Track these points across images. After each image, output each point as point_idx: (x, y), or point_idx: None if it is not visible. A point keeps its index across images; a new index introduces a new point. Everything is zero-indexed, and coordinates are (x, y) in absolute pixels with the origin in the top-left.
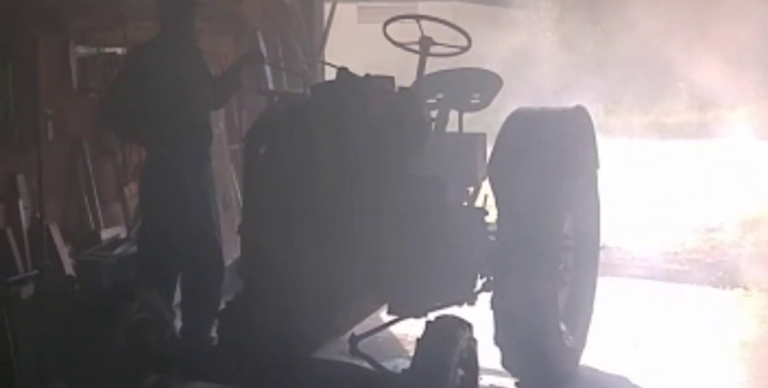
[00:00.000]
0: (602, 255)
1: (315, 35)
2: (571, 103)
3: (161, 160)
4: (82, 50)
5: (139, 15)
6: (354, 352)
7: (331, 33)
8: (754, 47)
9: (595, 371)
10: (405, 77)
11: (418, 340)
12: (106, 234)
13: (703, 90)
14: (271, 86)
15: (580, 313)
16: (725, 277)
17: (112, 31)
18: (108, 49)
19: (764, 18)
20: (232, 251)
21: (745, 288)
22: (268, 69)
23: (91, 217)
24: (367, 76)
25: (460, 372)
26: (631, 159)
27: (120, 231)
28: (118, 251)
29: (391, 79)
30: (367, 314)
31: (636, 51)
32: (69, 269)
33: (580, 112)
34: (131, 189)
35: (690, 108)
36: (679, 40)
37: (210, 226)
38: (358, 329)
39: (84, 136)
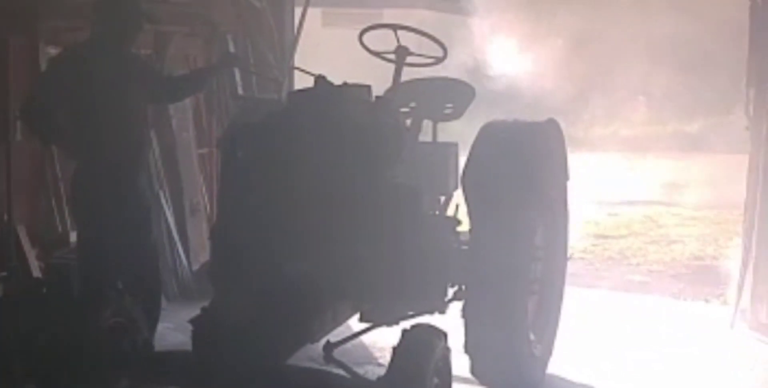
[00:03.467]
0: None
1: (285, 40)
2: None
3: (91, 166)
4: (52, 51)
5: None
6: (328, 359)
7: None
8: (715, 59)
9: (562, 379)
10: (369, 81)
11: (393, 348)
12: (73, 237)
13: (662, 103)
14: (240, 91)
15: (547, 322)
16: (686, 288)
17: (82, 32)
18: None
19: (727, 27)
20: (199, 256)
21: (706, 300)
22: (238, 73)
23: (58, 219)
24: (345, 84)
25: (435, 380)
26: (593, 171)
27: None
28: None
29: (368, 88)
30: (341, 322)
31: (597, 63)
32: (36, 271)
33: (552, 124)
34: None
35: (649, 121)
36: (640, 51)
37: (147, 234)
38: (330, 337)
39: None
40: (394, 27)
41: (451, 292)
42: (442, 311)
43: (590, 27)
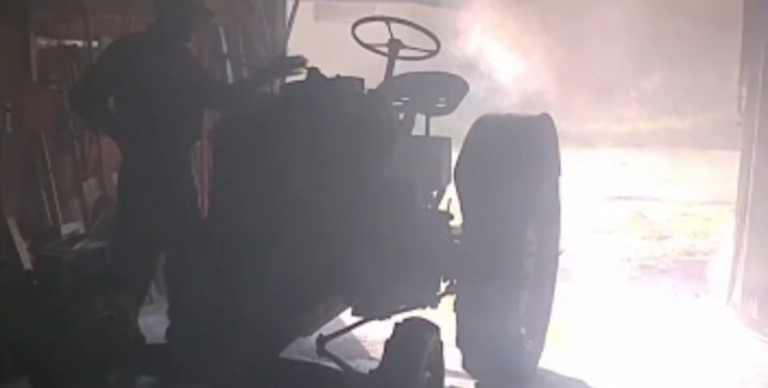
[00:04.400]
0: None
1: (277, 32)
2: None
3: (137, 157)
4: (42, 42)
5: (101, 7)
6: (321, 352)
7: None
8: (708, 56)
9: (553, 373)
10: (362, 74)
11: (386, 342)
12: (65, 229)
13: (654, 99)
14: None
15: (539, 317)
16: (677, 284)
17: (73, 23)
18: (69, 42)
19: (718, 25)
20: None
21: (697, 296)
22: (229, 65)
23: (49, 212)
24: (338, 77)
25: (427, 374)
26: (585, 167)
27: (79, 226)
28: (78, 246)
29: (361, 81)
30: (333, 315)
31: (589, 58)
32: (27, 264)
33: (545, 119)
34: (90, 184)
35: (640, 117)
36: (633, 47)
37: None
38: (323, 330)
39: (43, 130)
40: (387, 20)
41: (443, 286)
42: (435, 305)
43: (582, 23)
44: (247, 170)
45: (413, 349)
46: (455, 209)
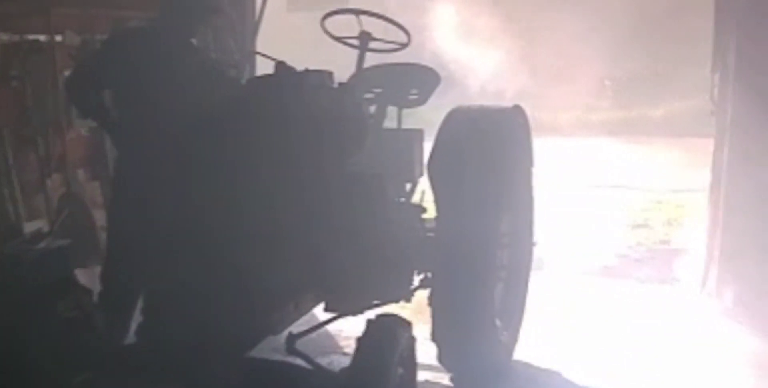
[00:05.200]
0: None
1: (247, 24)
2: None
3: (131, 154)
4: (4, 37)
5: (62, 1)
6: (291, 350)
7: None
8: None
9: (528, 365)
10: (334, 67)
11: (358, 338)
12: (28, 227)
13: (628, 88)
14: None
15: (513, 308)
16: (652, 273)
17: (34, 18)
18: (31, 36)
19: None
20: None
21: (671, 284)
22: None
23: (12, 209)
24: (306, 70)
25: (400, 370)
26: (559, 156)
27: (43, 224)
28: (42, 244)
29: (330, 74)
30: (305, 312)
31: (561, 47)
32: None
33: (518, 111)
34: (54, 180)
35: (614, 105)
36: (607, 37)
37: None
38: (296, 326)
39: (5, 126)
40: (357, 12)
41: (417, 280)
42: (408, 300)
43: (553, 14)
44: (215, 164)
45: (385, 346)
46: (428, 201)
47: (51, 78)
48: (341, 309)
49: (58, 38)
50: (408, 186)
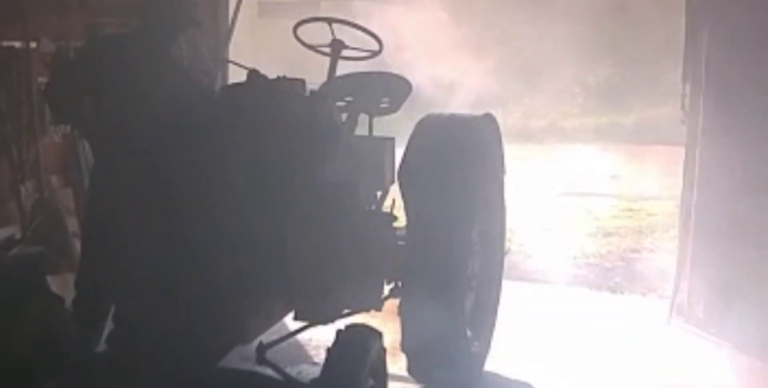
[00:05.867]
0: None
1: (219, 32)
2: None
3: (106, 163)
4: None
5: (39, 8)
6: (261, 360)
7: None
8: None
9: (499, 376)
10: (309, 74)
11: (328, 349)
12: (0, 233)
13: (598, 95)
14: None
15: (485, 318)
16: (623, 282)
17: (11, 24)
18: (6, 43)
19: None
20: None
21: (642, 294)
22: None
23: None
24: (278, 78)
25: (370, 382)
26: (530, 163)
27: (15, 231)
28: (14, 251)
29: (302, 81)
30: (275, 321)
31: (535, 54)
32: None
33: (489, 119)
34: (27, 186)
35: (585, 112)
36: (579, 44)
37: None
38: (266, 335)
39: None
40: (329, 20)
41: (387, 289)
42: (379, 308)
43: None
44: (188, 172)
45: (355, 357)
46: (399, 209)
47: (26, 85)
48: (311, 318)
49: (33, 45)
50: (379, 194)
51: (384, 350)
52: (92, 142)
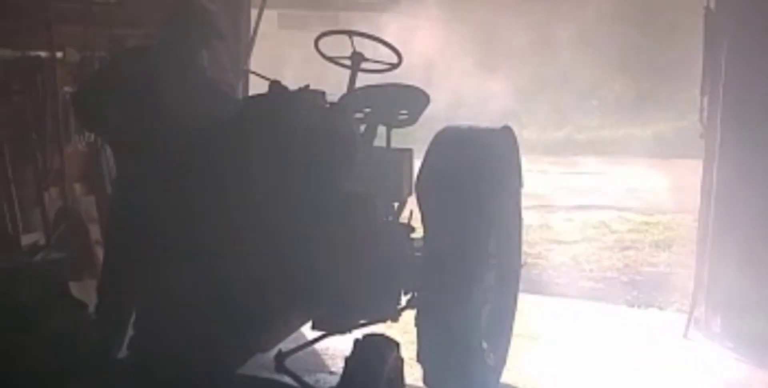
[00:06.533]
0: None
1: (241, 43)
2: (484, 117)
3: (132, 172)
4: (5, 53)
5: (65, 18)
6: (279, 368)
7: None
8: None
9: None
10: (325, 85)
11: (346, 358)
12: (25, 240)
13: (616, 108)
14: None
15: (501, 331)
16: (640, 296)
17: (37, 34)
18: (32, 53)
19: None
20: None
21: (660, 308)
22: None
23: (10, 222)
24: (299, 90)
25: None
26: (546, 176)
27: (39, 237)
28: (38, 257)
29: (323, 93)
30: (293, 330)
31: (551, 68)
32: None
33: (507, 131)
34: (51, 194)
35: (602, 125)
36: (594, 57)
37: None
38: (284, 345)
39: (5, 140)
40: (350, 33)
41: (404, 299)
42: (395, 319)
43: (542, 34)
44: (210, 182)
45: (372, 367)
46: (416, 221)
47: (51, 94)
48: (328, 328)
49: (59, 55)
50: (396, 205)
51: (401, 360)
52: (115, 151)
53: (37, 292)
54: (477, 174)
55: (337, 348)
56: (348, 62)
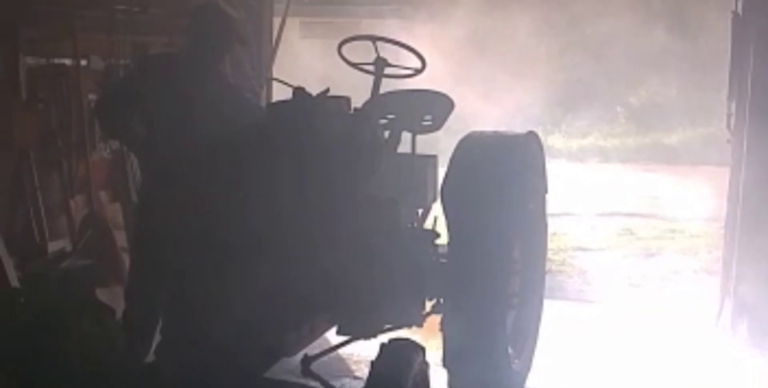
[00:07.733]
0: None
1: (263, 51)
2: (510, 125)
3: (157, 179)
4: (31, 61)
5: (90, 26)
6: (306, 372)
7: None
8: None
9: None
10: (349, 92)
11: (372, 362)
12: (52, 247)
13: (642, 114)
14: None
15: (526, 336)
16: (666, 303)
17: (61, 42)
18: (57, 60)
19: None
20: None
21: (686, 315)
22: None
23: (36, 229)
24: (324, 95)
25: None
26: (572, 182)
27: (65, 244)
28: (65, 264)
29: (347, 99)
30: (318, 335)
31: (576, 73)
32: (14, 281)
33: (532, 137)
34: (77, 201)
35: (627, 132)
36: (619, 63)
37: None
38: (308, 350)
39: (31, 148)
40: (373, 38)
41: (429, 305)
42: (420, 325)
43: (567, 40)
44: (235, 188)
45: (398, 370)
46: (441, 227)
47: (76, 102)
48: (353, 333)
49: (84, 63)
50: (421, 212)
51: (427, 364)
52: (140, 158)
53: (63, 298)
54: (502, 180)
55: (361, 354)
56: (372, 68)
